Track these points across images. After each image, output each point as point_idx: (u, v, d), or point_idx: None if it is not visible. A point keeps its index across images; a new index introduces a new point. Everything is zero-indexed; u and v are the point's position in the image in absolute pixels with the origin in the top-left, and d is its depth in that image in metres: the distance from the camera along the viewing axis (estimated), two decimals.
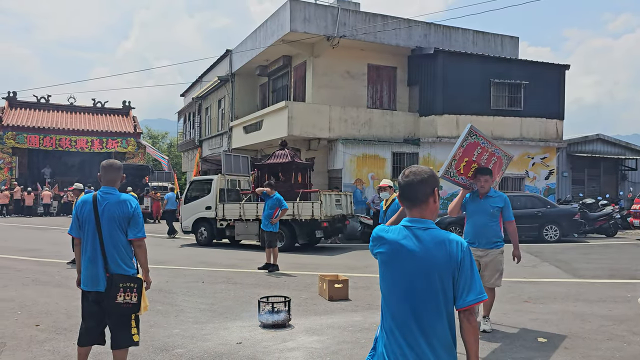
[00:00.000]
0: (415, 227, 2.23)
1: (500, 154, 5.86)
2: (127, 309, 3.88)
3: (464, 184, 5.71)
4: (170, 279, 9.38)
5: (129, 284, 3.88)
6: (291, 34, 17.41)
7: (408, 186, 2.28)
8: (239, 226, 14.55)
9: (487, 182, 5.69)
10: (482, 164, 5.72)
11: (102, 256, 3.88)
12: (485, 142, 5.65)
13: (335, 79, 18.64)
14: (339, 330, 6.04)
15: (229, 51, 23.91)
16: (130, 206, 3.99)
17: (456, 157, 5.44)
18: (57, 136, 31.21)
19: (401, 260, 2.19)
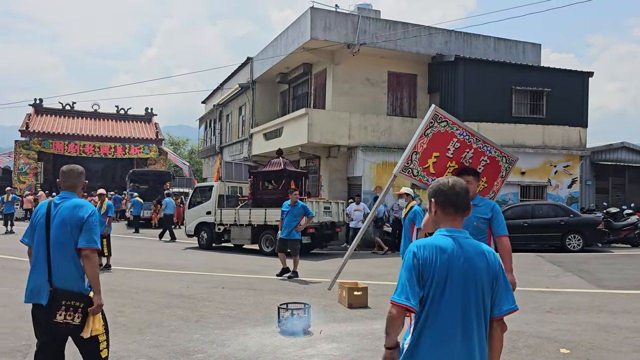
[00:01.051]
0: (458, 236, 2.28)
1: (495, 155, 4.73)
2: (66, 329, 3.42)
3: None
4: (191, 284, 9.47)
5: (73, 302, 3.40)
6: (312, 42, 17.51)
7: (457, 195, 2.33)
8: (234, 230, 15.17)
9: (470, 186, 4.76)
10: (466, 164, 4.58)
11: (47, 266, 3.45)
12: (467, 135, 4.55)
13: (355, 87, 18.68)
14: (359, 337, 6.03)
15: (250, 59, 24.13)
16: (85, 211, 3.53)
17: (418, 150, 4.41)
18: (81, 142, 31.81)
19: (448, 270, 2.19)
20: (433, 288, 2.19)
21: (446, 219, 2.32)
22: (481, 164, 4.62)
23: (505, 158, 4.78)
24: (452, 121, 4.48)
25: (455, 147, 4.44)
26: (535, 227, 15.75)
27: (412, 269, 2.21)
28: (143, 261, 12.53)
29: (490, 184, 4.78)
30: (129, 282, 9.54)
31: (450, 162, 4.50)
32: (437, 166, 4.46)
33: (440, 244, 2.24)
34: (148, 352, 5.36)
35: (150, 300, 7.91)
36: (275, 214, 13.63)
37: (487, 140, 4.61)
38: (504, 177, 4.82)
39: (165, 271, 11.10)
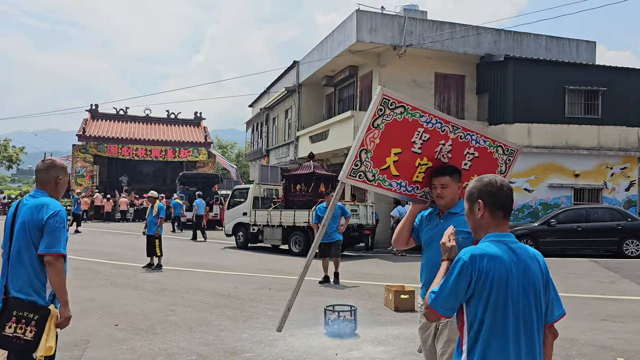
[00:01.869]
0: (509, 241, 2.13)
1: (486, 145, 3.67)
2: (15, 344, 2.95)
3: (408, 194, 3.53)
4: (238, 285, 9.63)
5: (27, 314, 2.98)
6: (357, 44, 17.51)
7: (506, 197, 2.18)
8: (267, 231, 15.82)
9: (446, 189, 3.35)
10: (444, 161, 3.52)
11: (5, 273, 3.09)
12: (438, 123, 3.47)
13: (401, 88, 18.51)
14: (406, 341, 5.98)
15: (296, 62, 24.35)
16: (45, 212, 3.10)
17: (367, 147, 3.35)
18: (134, 146, 32.89)
19: (506, 280, 2.05)
20: (492, 301, 2.04)
21: (495, 223, 2.16)
22: (467, 159, 3.60)
23: (501, 148, 3.76)
24: (411, 105, 3.39)
25: (423, 140, 3.42)
26: (590, 232, 15.16)
27: (462, 280, 2.05)
28: (192, 261, 12.84)
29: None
30: (180, 282, 9.79)
31: (419, 159, 3.48)
32: (401, 166, 3.46)
33: (494, 253, 2.08)
34: (198, 350, 5.49)
35: (200, 300, 8.09)
36: (304, 215, 14.56)
37: (470, 128, 3.63)
38: (504, 173, 3.80)
39: (213, 271, 11.33)
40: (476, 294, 2.05)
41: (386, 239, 17.28)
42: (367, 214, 15.48)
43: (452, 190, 3.34)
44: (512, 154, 3.79)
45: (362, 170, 3.35)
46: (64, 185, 3.33)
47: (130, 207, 30.80)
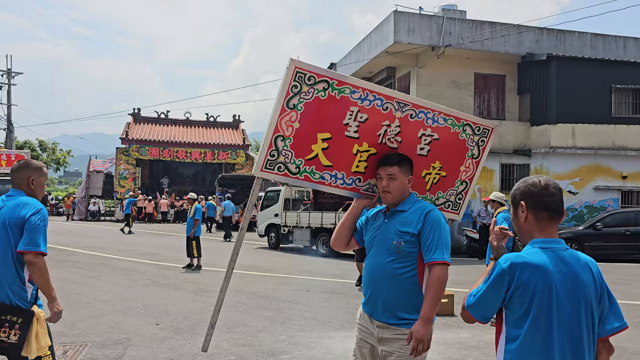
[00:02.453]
0: (557, 248, 1.95)
1: (448, 124, 3.01)
2: (1, 349, 2.93)
3: (348, 188, 2.97)
4: (276, 286, 9.68)
5: (9, 317, 2.93)
6: (395, 45, 17.38)
7: (551, 197, 2.00)
8: (296, 232, 16.21)
9: (394, 182, 2.77)
10: (392, 146, 2.91)
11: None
12: (378, 100, 2.82)
13: (440, 89, 18.29)
14: (445, 346, 5.88)
15: (333, 64, 24.35)
16: (27, 210, 3.06)
17: (285, 133, 2.74)
18: (175, 148, 33.58)
19: (551, 291, 1.88)
20: (534, 314, 1.88)
21: (539, 227, 1.98)
22: (423, 142, 2.96)
23: (469, 127, 3.06)
24: (336, 79, 2.73)
25: (359, 121, 2.79)
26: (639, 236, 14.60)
27: (500, 288, 1.92)
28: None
29: (452, 171, 3.12)
30: (218, 283, 9.87)
31: (357, 145, 2.85)
32: (334, 154, 2.84)
33: (537, 262, 1.90)
34: (237, 351, 5.54)
35: (239, 301, 8.17)
36: (331, 217, 14.86)
37: (423, 104, 2.93)
38: (478, 158, 3.14)
39: (251, 273, 11.43)
40: (515, 306, 1.91)
41: None
42: None
43: (400, 183, 2.76)
44: (486, 133, 3.14)
45: (282, 162, 2.79)
46: (38, 186, 3.26)
47: (171, 208, 31.44)
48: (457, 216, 3.23)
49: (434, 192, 3.13)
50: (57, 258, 12.49)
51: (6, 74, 34.21)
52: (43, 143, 44.76)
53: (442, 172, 3.10)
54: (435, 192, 3.13)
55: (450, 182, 3.14)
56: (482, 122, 3.14)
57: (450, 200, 3.19)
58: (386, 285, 2.70)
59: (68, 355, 5.26)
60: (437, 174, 3.09)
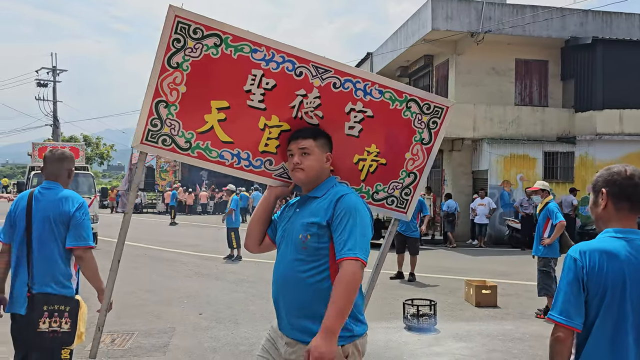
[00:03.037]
0: (632, 238, 1.84)
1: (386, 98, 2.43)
2: (54, 339, 2.92)
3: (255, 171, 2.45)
4: None
5: (57, 307, 2.94)
6: (433, 33, 17.06)
7: (635, 187, 1.88)
8: None
9: (308, 158, 2.25)
10: (312, 122, 2.38)
11: (27, 269, 3.00)
12: (288, 62, 2.29)
13: (479, 76, 17.89)
14: (489, 338, 5.77)
15: (370, 54, 24.15)
16: (71, 205, 3.06)
17: (167, 97, 2.27)
18: None
19: (624, 281, 1.78)
20: (605, 305, 1.79)
21: (618, 216, 1.89)
22: (353, 120, 2.41)
23: (415, 104, 2.48)
24: (233, 34, 2.23)
25: (265, 88, 2.29)
26: None
27: (574, 280, 1.81)
28: (270, 254, 13.07)
29: (395, 159, 2.55)
30: (259, 274, 10.02)
31: (265, 117, 2.34)
32: (234, 128, 2.34)
33: (609, 248, 1.81)
34: None
35: None
36: None
37: (351, 71, 2.37)
38: (429, 144, 2.56)
39: None
40: (591, 295, 1.81)
41: (464, 232, 16.81)
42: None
43: (316, 159, 2.23)
44: (439, 113, 2.54)
45: (167, 134, 2.30)
46: (72, 177, 3.27)
47: (210, 200, 31.96)
48: (404, 216, 2.68)
49: (372, 184, 2.55)
50: (104, 250, 12.88)
51: (51, 71, 35.33)
52: (87, 138, 46.13)
53: (381, 158, 2.52)
54: (373, 184, 2.56)
55: (392, 173, 2.57)
56: (432, 98, 2.53)
57: (394, 195, 2.61)
58: (290, 291, 2.18)
59: (116, 344, 5.41)
60: (374, 160, 2.52)
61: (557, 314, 1.82)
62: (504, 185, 16.50)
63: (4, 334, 5.55)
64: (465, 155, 17.71)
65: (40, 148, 13.27)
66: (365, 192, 2.56)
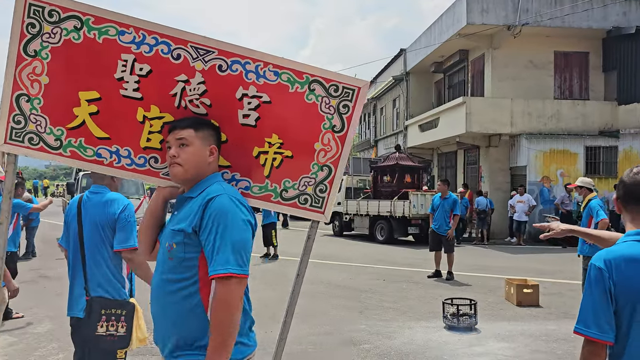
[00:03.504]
0: None
1: (284, 80, 2.13)
2: (112, 342, 2.98)
3: (139, 171, 2.15)
4: (353, 276, 9.71)
5: (114, 311, 2.99)
6: (468, 27, 16.79)
7: (638, 184, 1.80)
8: (357, 220, 17.02)
9: (185, 150, 1.95)
10: (198, 111, 2.10)
11: (82, 273, 3.06)
12: (163, 43, 2.02)
13: (517, 70, 17.50)
14: (532, 338, 5.65)
15: (403, 50, 23.94)
16: (116, 207, 3.09)
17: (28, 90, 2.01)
18: None
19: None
20: (638, 315, 1.67)
21: (630, 217, 1.81)
22: (247, 107, 2.12)
23: (320, 85, 2.17)
24: (94, 15, 1.98)
25: (139, 75, 2.03)
26: None
27: (602, 291, 1.70)
28: (318, 252, 13.14)
29: (302, 150, 2.22)
30: (296, 272, 10.06)
31: (143, 108, 2.08)
32: (109, 122, 2.07)
33: (633, 254, 1.70)
34: (317, 340, 5.60)
35: (316, 290, 8.26)
36: (387, 205, 15.38)
37: (239, 51, 2.07)
38: (342, 132, 2.22)
39: (327, 262, 11.52)
40: (620, 306, 1.69)
41: (502, 229, 16.51)
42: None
43: (196, 153, 1.94)
44: (350, 95, 2.20)
45: (33, 131, 2.03)
46: (118, 180, 3.25)
47: None
48: (322, 217, 2.32)
49: (278, 180, 2.22)
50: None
51: None
52: None
53: (286, 150, 2.19)
54: (281, 180, 2.23)
55: (301, 166, 2.23)
56: (339, 78, 2.19)
57: (307, 193, 2.27)
58: (159, 308, 1.91)
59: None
60: (277, 153, 2.19)
61: (586, 327, 1.71)
62: (543, 181, 16.12)
63: (55, 332, 5.75)
64: (502, 151, 17.37)
65: None
66: (272, 191, 2.23)
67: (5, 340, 5.66)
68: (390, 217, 15.34)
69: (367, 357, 5.07)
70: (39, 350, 5.32)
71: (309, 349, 5.29)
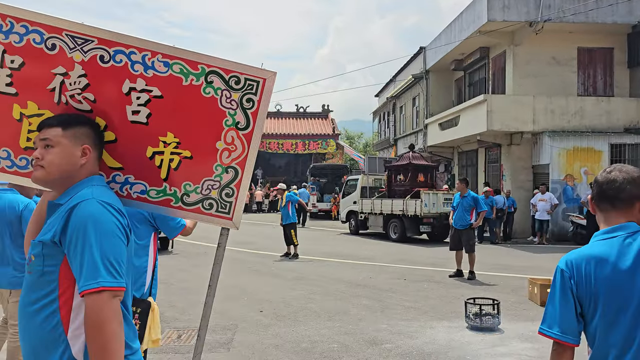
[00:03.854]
0: (621, 235, 1.69)
1: (176, 72, 1.93)
2: None
3: (21, 173, 1.95)
4: (373, 275, 9.67)
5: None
6: (489, 24, 16.60)
7: (610, 183, 1.76)
8: (371, 218, 17.26)
9: (50, 152, 1.72)
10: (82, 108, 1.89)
11: None
12: (35, 31, 1.82)
13: (539, 67, 17.25)
14: None
15: (423, 48, 23.78)
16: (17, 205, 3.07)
17: None
18: (267, 140, 34.52)
19: (614, 286, 1.64)
20: (598, 316, 1.65)
21: (603, 218, 1.78)
22: (136, 102, 1.93)
23: (218, 77, 1.97)
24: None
25: (11, 68, 1.86)
26: None
27: (564, 293, 1.70)
28: (326, 251, 13.17)
29: (202, 150, 2.03)
30: (316, 271, 10.08)
31: (19, 105, 1.89)
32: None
33: (596, 253, 1.68)
34: (339, 339, 5.60)
35: (337, 289, 8.25)
36: (399, 204, 15.65)
37: (122, 39, 1.88)
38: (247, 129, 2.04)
39: (348, 261, 11.51)
40: (584, 308, 1.69)
41: (525, 228, 16.30)
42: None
43: (62, 154, 1.72)
44: (254, 88, 2.00)
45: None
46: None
47: (265, 198, 32.42)
48: (231, 223, 2.16)
49: (178, 184, 2.04)
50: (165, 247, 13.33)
51: None
52: None
53: (184, 150, 1.99)
54: (180, 184, 2.04)
55: (203, 168, 2.03)
56: (241, 69, 1.98)
57: (212, 197, 2.08)
58: (21, 327, 1.67)
59: (182, 339, 5.58)
60: (174, 153, 1.99)
61: (549, 328, 1.72)
62: (567, 179, 15.86)
63: None
64: (524, 150, 17.14)
65: None
66: (171, 195, 2.04)
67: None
68: (402, 215, 15.57)
69: (389, 356, 5.05)
70: None
71: (332, 348, 5.29)
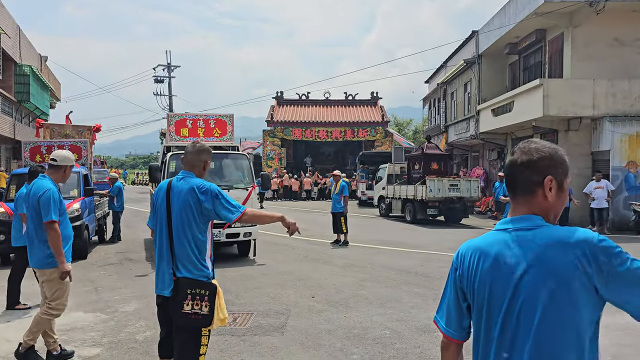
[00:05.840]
0: (512, 228, 1.53)
1: None
2: (196, 320, 3.14)
3: None
4: (424, 263, 9.62)
5: (198, 290, 3.15)
6: (546, 5, 15.97)
7: (509, 168, 1.61)
8: (393, 203, 19.47)
9: None
10: None
11: (170, 254, 3.24)
12: None
13: (599, 49, 16.49)
14: (618, 331, 5.38)
15: (475, 32, 23.15)
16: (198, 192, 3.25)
17: None
18: (316, 128, 34.64)
19: (494, 281, 1.50)
20: (476, 311, 1.56)
21: (512, 206, 1.61)
22: None
23: None
24: None
25: None
26: None
27: (451, 285, 1.63)
28: (376, 238, 13.16)
29: None
30: (367, 258, 10.11)
31: None
32: None
33: (482, 245, 1.56)
34: (391, 325, 5.62)
35: (388, 277, 8.26)
36: (411, 190, 17.54)
37: None
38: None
39: (397, 249, 11.47)
40: (470, 302, 1.59)
41: (583, 217, 15.73)
42: (470, 188, 17.23)
43: None
44: None
45: None
46: (208, 168, 3.46)
47: (314, 186, 32.63)
48: None
49: None
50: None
51: (166, 67, 37.78)
52: None
53: None
54: None
55: None
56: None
57: None
58: None
59: (238, 322, 5.76)
60: None
61: (440, 318, 1.70)
62: (629, 166, 15.17)
63: (142, 311, 6.10)
64: (583, 135, 16.48)
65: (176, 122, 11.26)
66: None
67: (98, 317, 6.09)
68: (414, 199, 17.41)
69: None
70: (129, 327, 5.69)
71: (384, 334, 5.32)
